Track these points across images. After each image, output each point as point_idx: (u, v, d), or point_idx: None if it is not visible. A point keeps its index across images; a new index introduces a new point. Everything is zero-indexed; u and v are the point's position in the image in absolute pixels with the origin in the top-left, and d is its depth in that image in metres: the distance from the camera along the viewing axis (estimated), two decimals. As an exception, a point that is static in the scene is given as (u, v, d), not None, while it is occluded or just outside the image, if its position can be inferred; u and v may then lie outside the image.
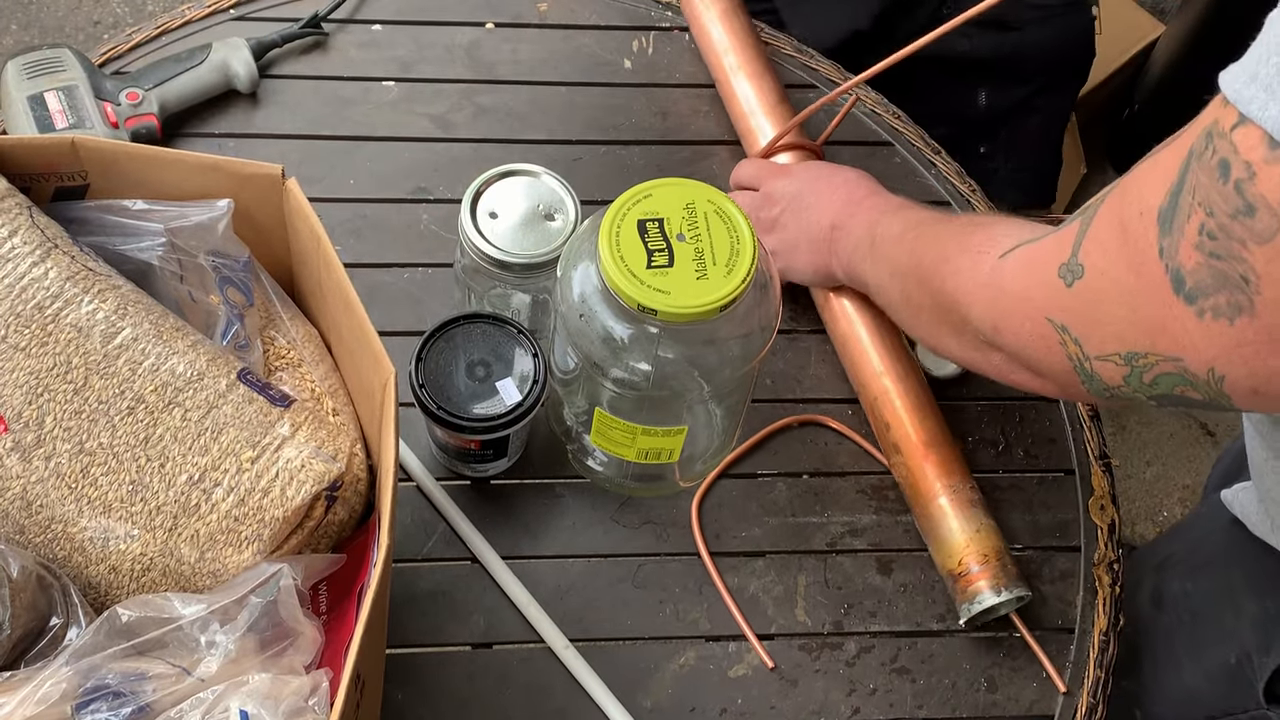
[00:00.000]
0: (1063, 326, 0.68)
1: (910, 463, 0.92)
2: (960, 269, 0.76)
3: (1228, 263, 0.56)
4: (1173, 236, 0.59)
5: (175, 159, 0.75)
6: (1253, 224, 0.53)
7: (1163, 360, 0.62)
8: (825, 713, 0.88)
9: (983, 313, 0.74)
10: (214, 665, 0.62)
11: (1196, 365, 0.60)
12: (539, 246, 0.86)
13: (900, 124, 1.13)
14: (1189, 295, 0.58)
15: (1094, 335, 0.66)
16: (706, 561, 0.91)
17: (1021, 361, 0.72)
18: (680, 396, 0.83)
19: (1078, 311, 0.67)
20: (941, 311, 0.78)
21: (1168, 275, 0.59)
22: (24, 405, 0.67)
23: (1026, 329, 0.70)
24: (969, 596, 0.88)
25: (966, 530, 0.89)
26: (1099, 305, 0.65)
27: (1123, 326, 0.63)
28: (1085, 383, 0.68)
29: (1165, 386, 0.63)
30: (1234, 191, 0.54)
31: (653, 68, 1.13)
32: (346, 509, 0.72)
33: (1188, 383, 0.62)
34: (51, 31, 2.15)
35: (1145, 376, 0.64)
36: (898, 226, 0.86)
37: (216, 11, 1.11)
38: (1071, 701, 0.90)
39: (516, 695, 0.86)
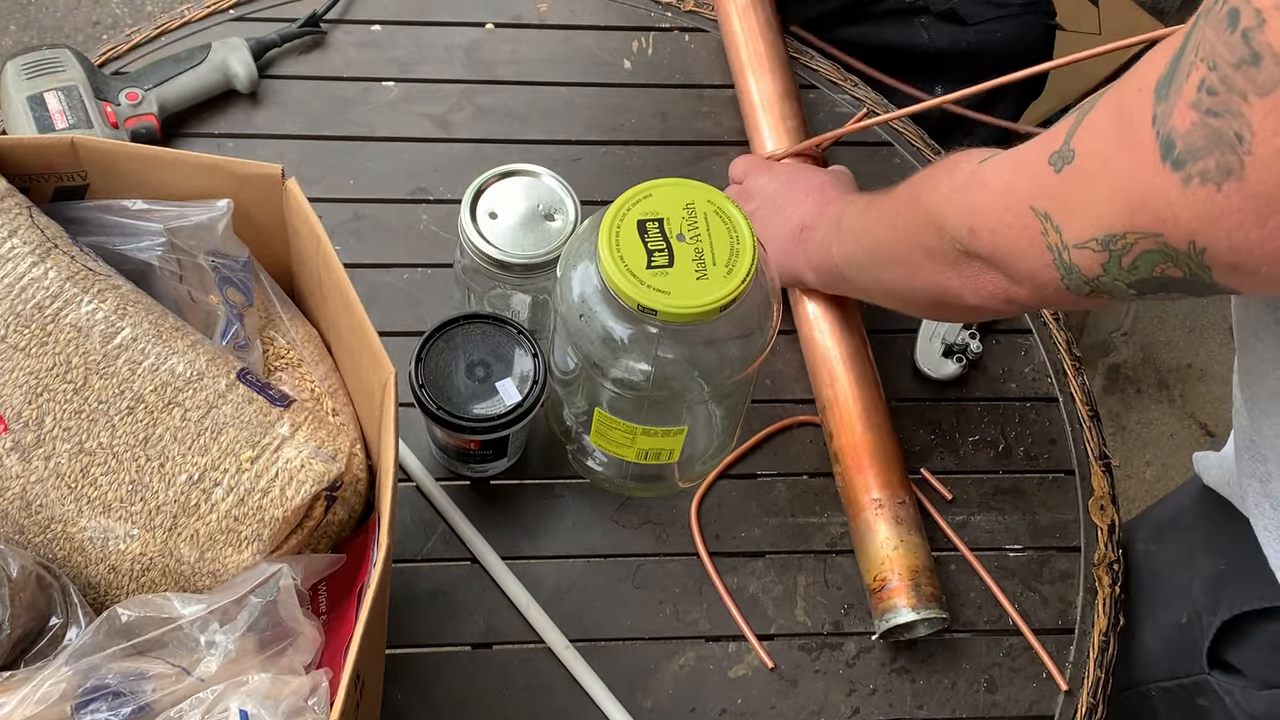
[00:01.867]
0: (1046, 214, 0.66)
1: (846, 473, 0.92)
2: (936, 180, 0.75)
3: (1224, 119, 0.54)
4: (1169, 101, 0.57)
5: (175, 159, 0.75)
6: (1256, 74, 0.52)
7: (1142, 238, 0.61)
8: (825, 713, 0.88)
9: (959, 214, 0.73)
10: (214, 665, 0.62)
11: (1177, 238, 0.59)
12: (539, 247, 0.86)
13: (900, 124, 1.13)
14: (1177, 160, 0.57)
15: (1076, 219, 0.64)
16: (706, 562, 0.91)
17: (998, 264, 0.71)
18: (680, 397, 0.83)
19: (1063, 196, 0.65)
20: (915, 232, 0.77)
21: (1157, 141, 0.58)
22: (24, 405, 0.67)
23: (1007, 222, 0.68)
24: (882, 611, 0.87)
25: (888, 545, 0.88)
26: (1085, 187, 0.64)
27: (1104, 207, 0.62)
28: (1064, 276, 0.66)
29: (1145, 268, 0.62)
30: (1240, 40, 0.53)
31: (653, 68, 1.14)
32: (346, 509, 0.72)
33: (1168, 259, 0.60)
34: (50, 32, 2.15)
35: (1124, 260, 0.62)
36: (863, 203, 0.86)
37: (216, 12, 1.11)
38: (1072, 701, 0.90)
39: (516, 695, 0.86)
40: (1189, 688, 0.95)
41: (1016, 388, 1.01)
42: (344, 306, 0.71)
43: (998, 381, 1.01)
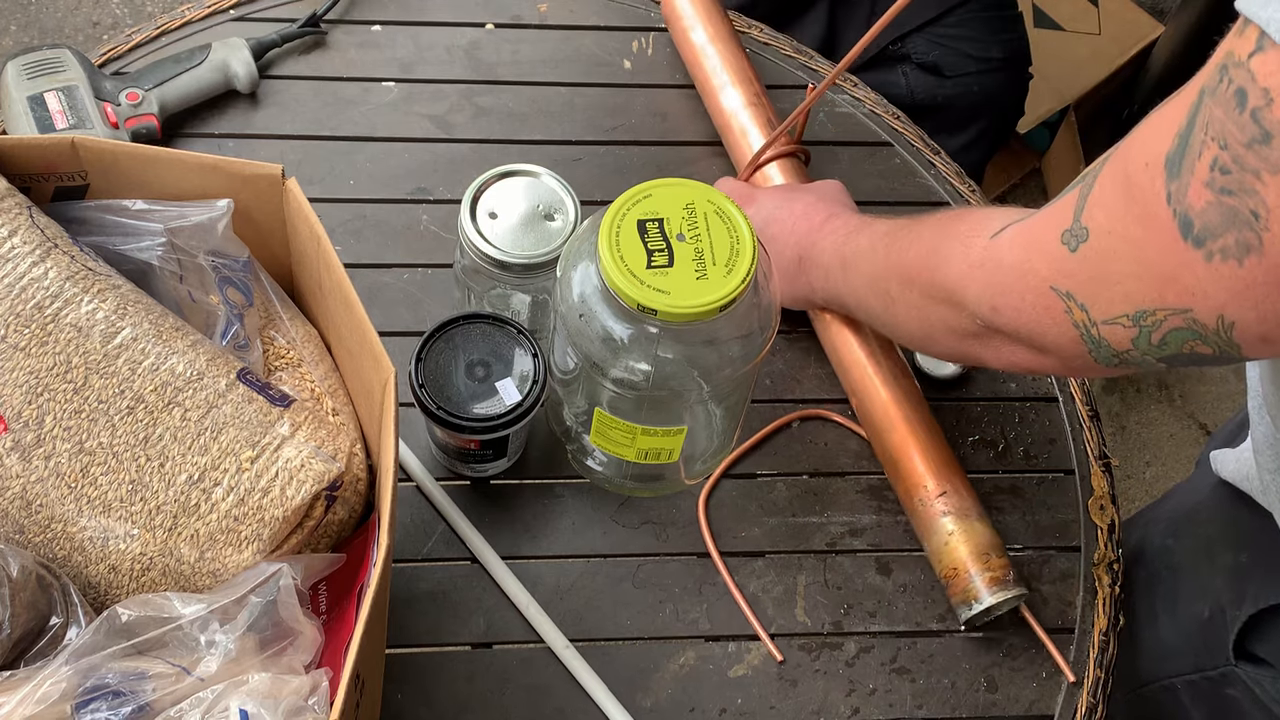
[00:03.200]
0: (1068, 293, 0.66)
1: (899, 469, 0.92)
2: (950, 256, 0.75)
3: (1239, 198, 0.55)
4: (1181, 179, 0.58)
5: (175, 159, 0.75)
6: (1268, 152, 0.53)
7: (1171, 314, 0.61)
8: (825, 713, 0.88)
9: (979, 293, 0.73)
10: (214, 665, 0.62)
11: (1206, 314, 0.59)
12: (539, 247, 0.87)
13: (900, 124, 1.13)
14: (1197, 238, 0.57)
15: (1101, 298, 0.64)
16: (715, 558, 0.91)
17: (1023, 339, 0.71)
18: (680, 396, 0.83)
19: (1083, 276, 0.65)
20: (932, 304, 0.77)
21: (1175, 220, 0.58)
22: (24, 405, 0.67)
23: (1029, 302, 0.69)
24: (959, 601, 0.88)
25: (953, 535, 0.89)
26: (1106, 265, 0.64)
27: (1131, 284, 0.62)
28: (1092, 350, 0.67)
29: (1175, 344, 0.62)
30: (1250, 120, 0.53)
31: (653, 68, 1.14)
32: (346, 509, 0.72)
33: (1197, 335, 0.61)
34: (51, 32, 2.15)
35: (1154, 336, 0.63)
36: (865, 240, 0.85)
37: (216, 12, 1.11)
38: (1071, 701, 0.90)
39: (516, 695, 0.86)
40: (1215, 680, 0.96)
41: (1016, 387, 1.01)
42: (344, 306, 0.72)
43: (997, 381, 1.01)
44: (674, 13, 1.10)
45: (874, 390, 0.94)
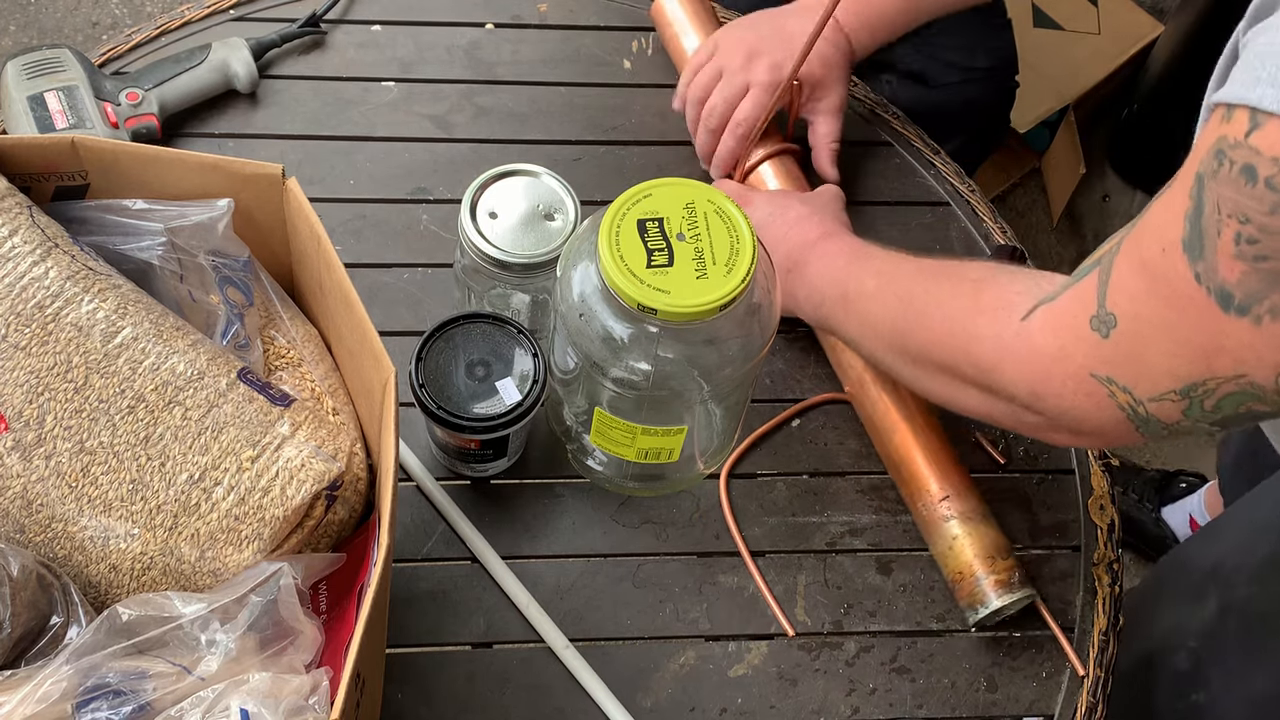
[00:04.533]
0: (1108, 379, 0.68)
1: (906, 472, 0.92)
2: (981, 335, 0.75)
3: (1273, 260, 0.57)
4: (1206, 259, 0.60)
5: (175, 159, 0.75)
6: None
7: (1224, 382, 0.63)
8: (825, 712, 0.88)
9: (1017, 378, 0.74)
10: (214, 664, 0.62)
11: (1263, 375, 0.61)
12: (539, 246, 0.87)
13: (900, 125, 1.13)
14: (1240, 307, 0.59)
15: (1144, 378, 0.66)
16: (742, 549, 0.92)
17: (1066, 423, 0.73)
18: (680, 396, 0.83)
19: (1120, 360, 0.68)
20: (965, 385, 0.78)
21: (1212, 297, 0.60)
22: (24, 404, 0.67)
23: (1070, 388, 0.71)
24: (973, 602, 0.88)
25: (958, 538, 0.89)
26: (1142, 348, 0.66)
27: (1174, 361, 0.64)
28: (1141, 428, 0.69)
29: (1230, 408, 0.64)
30: (1266, 189, 0.55)
31: (652, 68, 1.14)
32: (346, 508, 0.72)
33: (1254, 396, 0.63)
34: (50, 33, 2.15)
35: (1207, 403, 0.65)
36: (871, 281, 0.85)
37: (216, 12, 1.11)
38: (1072, 701, 0.90)
39: (516, 695, 0.86)
40: None
41: (1016, 387, 1.01)
42: (344, 306, 0.72)
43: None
44: (663, 18, 1.11)
45: (875, 392, 0.94)
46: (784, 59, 1.00)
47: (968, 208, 1.09)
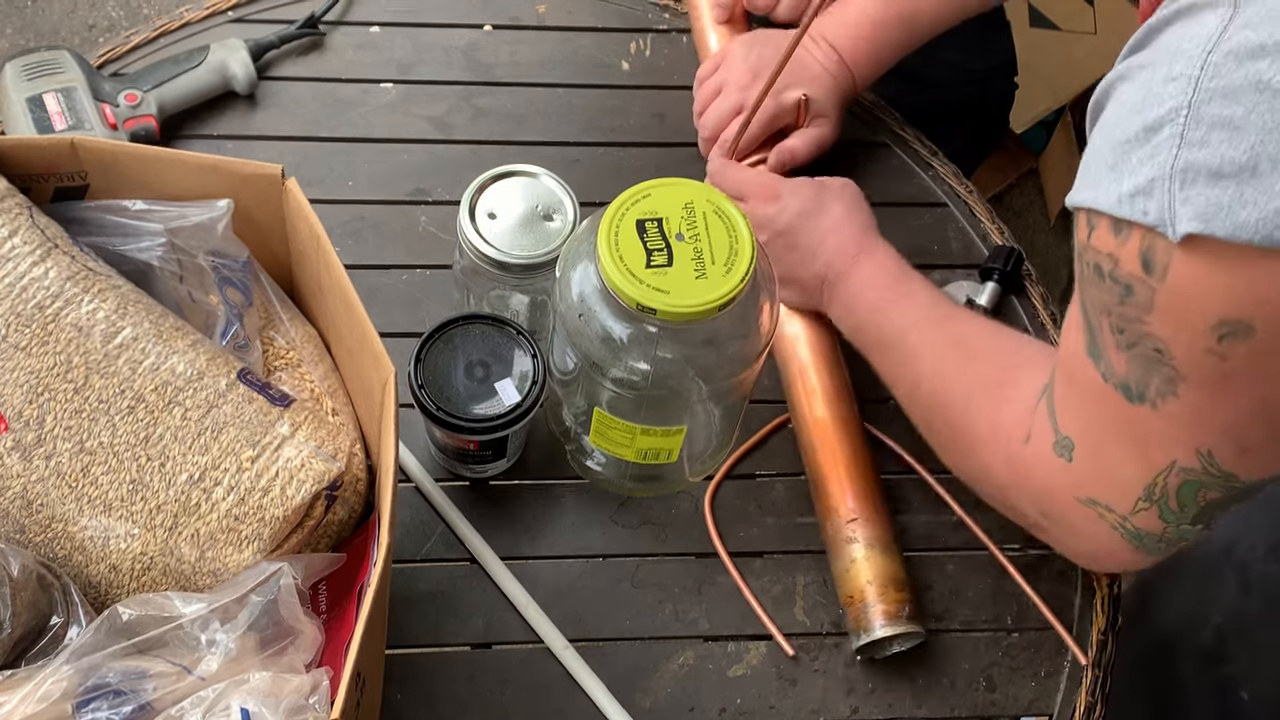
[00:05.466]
0: (1090, 500, 0.71)
1: (818, 488, 0.92)
2: (993, 460, 0.79)
3: (1141, 344, 0.61)
4: (1104, 357, 0.65)
5: (175, 159, 0.75)
6: (1136, 300, 0.60)
7: (1167, 475, 0.66)
8: (824, 712, 0.88)
9: (1027, 503, 0.78)
10: (214, 664, 0.62)
11: (1187, 457, 0.65)
12: (538, 247, 0.87)
13: (898, 126, 1.13)
14: (1139, 395, 0.64)
15: (1116, 493, 0.70)
16: (724, 559, 0.91)
17: (1081, 546, 0.77)
18: (679, 396, 0.83)
19: (1091, 481, 0.71)
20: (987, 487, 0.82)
21: (1119, 392, 0.65)
22: (24, 404, 0.67)
23: (1070, 513, 0.74)
24: (858, 627, 0.87)
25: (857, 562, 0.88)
26: (1101, 462, 0.70)
27: (1128, 467, 0.68)
28: (1137, 544, 0.71)
29: (1190, 502, 0.67)
30: (1111, 282, 0.61)
31: (650, 70, 1.14)
32: (346, 509, 0.72)
33: (1198, 483, 0.65)
34: (47, 35, 2.15)
35: (1170, 504, 0.67)
36: (910, 336, 0.86)
37: (214, 13, 1.11)
38: (1070, 700, 0.90)
39: (516, 695, 0.86)
40: None
41: (1014, 387, 1.01)
42: (344, 306, 0.72)
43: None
44: (695, 12, 1.12)
45: (808, 407, 0.93)
46: (782, 85, 1.01)
47: (965, 208, 1.09)
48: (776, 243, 0.93)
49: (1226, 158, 0.54)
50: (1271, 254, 0.54)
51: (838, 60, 1.03)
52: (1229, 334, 0.57)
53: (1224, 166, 0.54)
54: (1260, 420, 0.61)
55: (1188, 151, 0.55)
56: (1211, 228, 0.55)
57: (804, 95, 1.01)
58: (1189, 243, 0.56)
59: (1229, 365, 0.59)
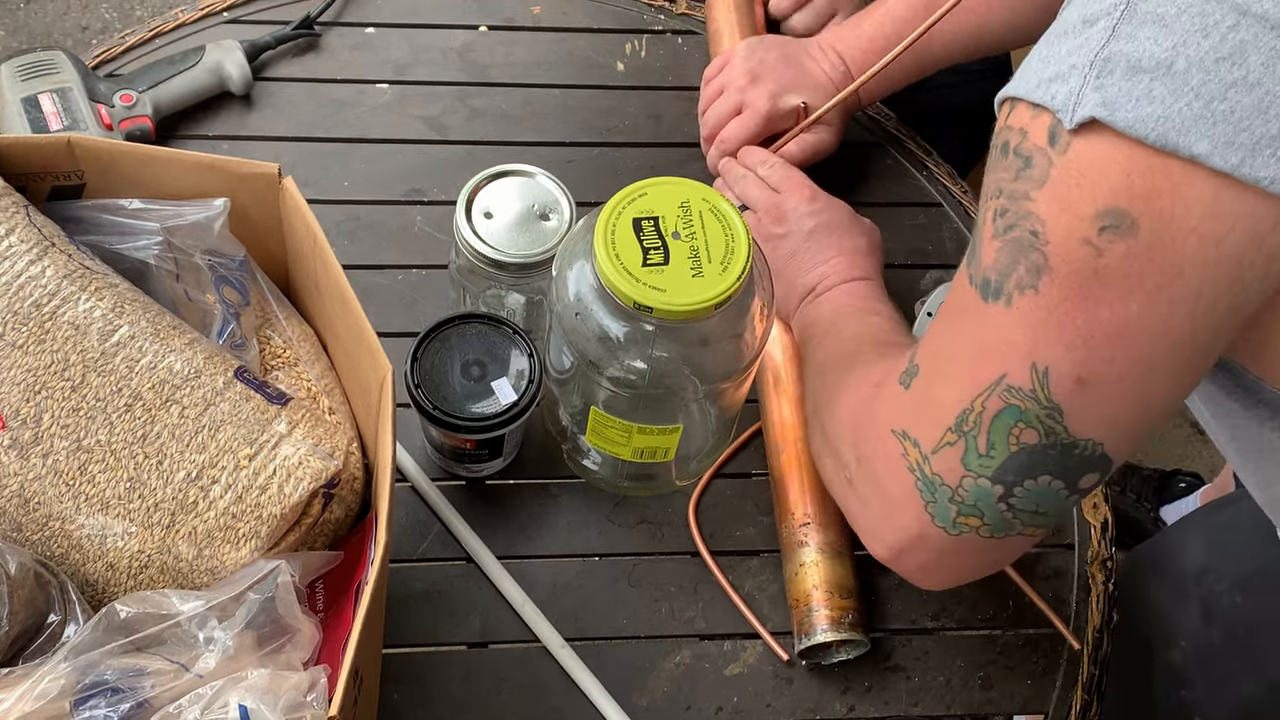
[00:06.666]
0: (903, 432, 0.69)
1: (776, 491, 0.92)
2: (846, 400, 0.77)
3: (1019, 227, 0.59)
4: (977, 254, 0.63)
5: (171, 158, 0.75)
6: (1031, 173, 0.58)
7: (988, 396, 0.63)
8: (821, 710, 0.88)
9: (846, 446, 0.75)
10: (212, 661, 0.62)
11: (1019, 372, 0.61)
12: (534, 246, 0.87)
13: (893, 127, 1.13)
14: (995, 290, 0.61)
15: (926, 425, 0.67)
16: (709, 561, 0.92)
17: (875, 496, 0.72)
18: (676, 395, 0.83)
19: (913, 409, 0.68)
20: (826, 447, 0.80)
21: (976, 289, 0.62)
22: (21, 402, 0.67)
23: (876, 451, 0.71)
24: (801, 630, 0.87)
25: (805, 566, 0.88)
26: (930, 389, 0.67)
27: (949, 390, 0.65)
28: (929, 498, 0.68)
29: (999, 442, 0.63)
30: (1014, 156, 0.59)
31: (645, 70, 1.14)
32: (343, 507, 0.72)
33: (1017, 409, 0.62)
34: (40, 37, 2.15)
35: (979, 441, 0.64)
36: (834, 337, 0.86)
37: (210, 14, 1.11)
38: (1067, 697, 0.90)
39: (512, 694, 0.86)
40: None
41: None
42: (341, 305, 0.72)
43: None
44: (711, 14, 1.13)
45: (777, 409, 0.93)
46: (781, 90, 1.02)
47: (960, 209, 1.10)
48: (795, 242, 0.93)
49: (1148, 52, 0.54)
50: (1165, 155, 0.54)
51: (844, 72, 1.03)
52: (1111, 225, 0.56)
53: (1144, 60, 0.54)
54: (1113, 347, 0.59)
55: (1115, 43, 0.55)
56: (1114, 116, 0.55)
57: (803, 103, 1.01)
58: (1093, 126, 0.56)
59: (1102, 263, 0.57)
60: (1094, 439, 0.62)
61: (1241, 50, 0.53)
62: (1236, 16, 0.53)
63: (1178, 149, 0.53)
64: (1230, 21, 0.53)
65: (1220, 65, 0.53)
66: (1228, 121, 0.53)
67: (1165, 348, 0.58)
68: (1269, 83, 0.52)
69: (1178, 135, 0.53)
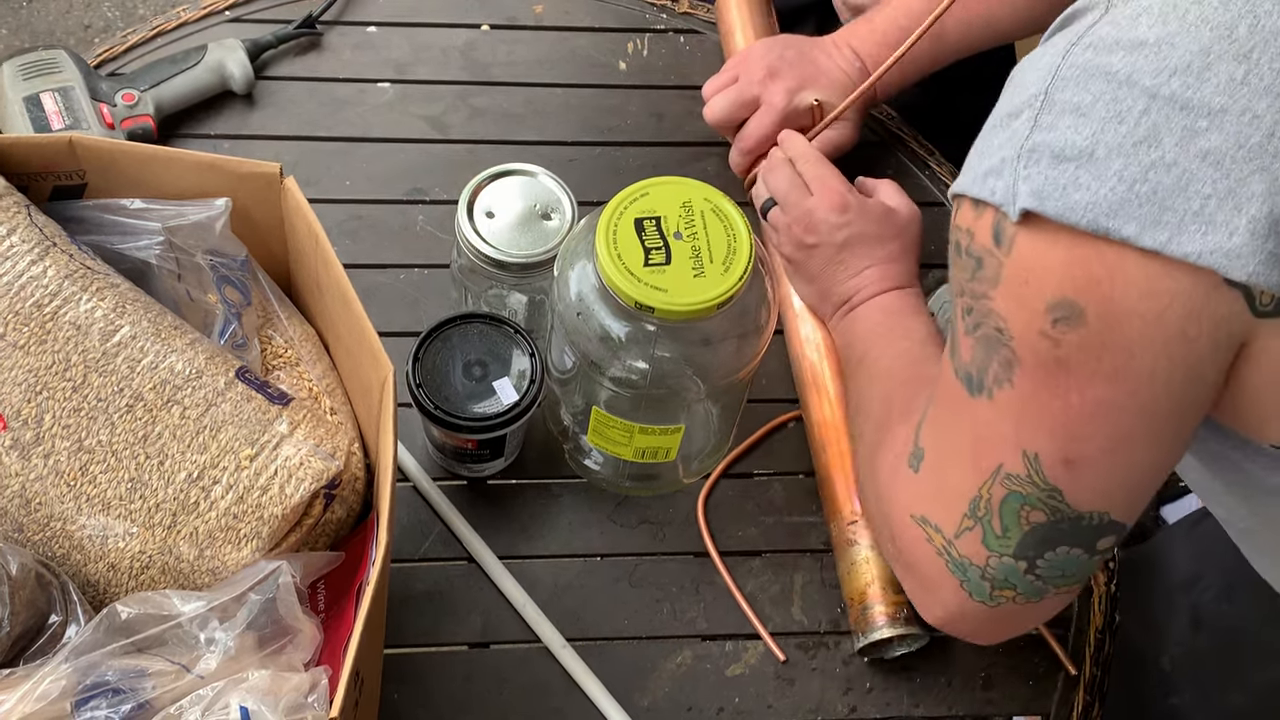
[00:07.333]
0: (923, 518, 0.70)
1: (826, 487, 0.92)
2: (880, 466, 0.77)
3: (985, 325, 0.61)
4: (957, 348, 0.65)
5: (173, 158, 0.75)
6: (984, 273, 0.60)
7: (992, 485, 0.65)
8: (822, 711, 0.88)
9: (884, 529, 0.76)
10: (213, 662, 0.62)
11: (1013, 461, 0.63)
12: (536, 246, 0.87)
13: (895, 126, 1.13)
14: (977, 385, 0.63)
15: (944, 511, 0.68)
16: (716, 561, 0.91)
17: (914, 575, 0.74)
18: (677, 395, 0.83)
19: (929, 494, 0.70)
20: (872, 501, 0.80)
21: (962, 384, 0.65)
22: (23, 403, 0.67)
23: (903, 535, 0.72)
24: (859, 627, 0.87)
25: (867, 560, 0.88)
26: (941, 474, 0.69)
27: (957, 477, 0.67)
28: (962, 578, 0.69)
29: (1013, 523, 0.65)
30: (966, 258, 0.61)
31: (647, 69, 1.14)
32: (344, 507, 0.72)
33: (1020, 494, 0.64)
34: (42, 35, 2.15)
35: (994, 524, 0.66)
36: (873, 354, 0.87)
37: (211, 13, 1.11)
38: (1067, 698, 0.90)
39: (514, 695, 0.86)
40: None
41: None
42: (342, 305, 0.72)
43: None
44: (723, 16, 1.12)
45: (817, 407, 0.93)
46: (798, 86, 1.01)
47: (962, 208, 1.09)
48: (831, 250, 0.92)
49: (1069, 141, 0.56)
50: (1098, 240, 0.55)
51: (860, 68, 1.03)
52: (1063, 317, 0.58)
53: (1066, 149, 0.56)
54: (1090, 427, 0.61)
55: (1038, 134, 0.57)
56: (1045, 206, 0.56)
57: (817, 100, 1.01)
58: (1029, 220, 0.57)
59: (1061, 352, 0.59)
60: (1097, 510, 0.64)
61: (1155, 132, 0.54)
62: (1147, 100, 0.55)
63: (1108, 232, 0.55)
64: (1141, 106, 0.55)
65: (1138, 149, 0.55)
66: (1151, 202, 0.54)
67: (1136, 420, 0.60)
68: (1185, 161, 0.54)
69: (1106, 219, 0.55)
